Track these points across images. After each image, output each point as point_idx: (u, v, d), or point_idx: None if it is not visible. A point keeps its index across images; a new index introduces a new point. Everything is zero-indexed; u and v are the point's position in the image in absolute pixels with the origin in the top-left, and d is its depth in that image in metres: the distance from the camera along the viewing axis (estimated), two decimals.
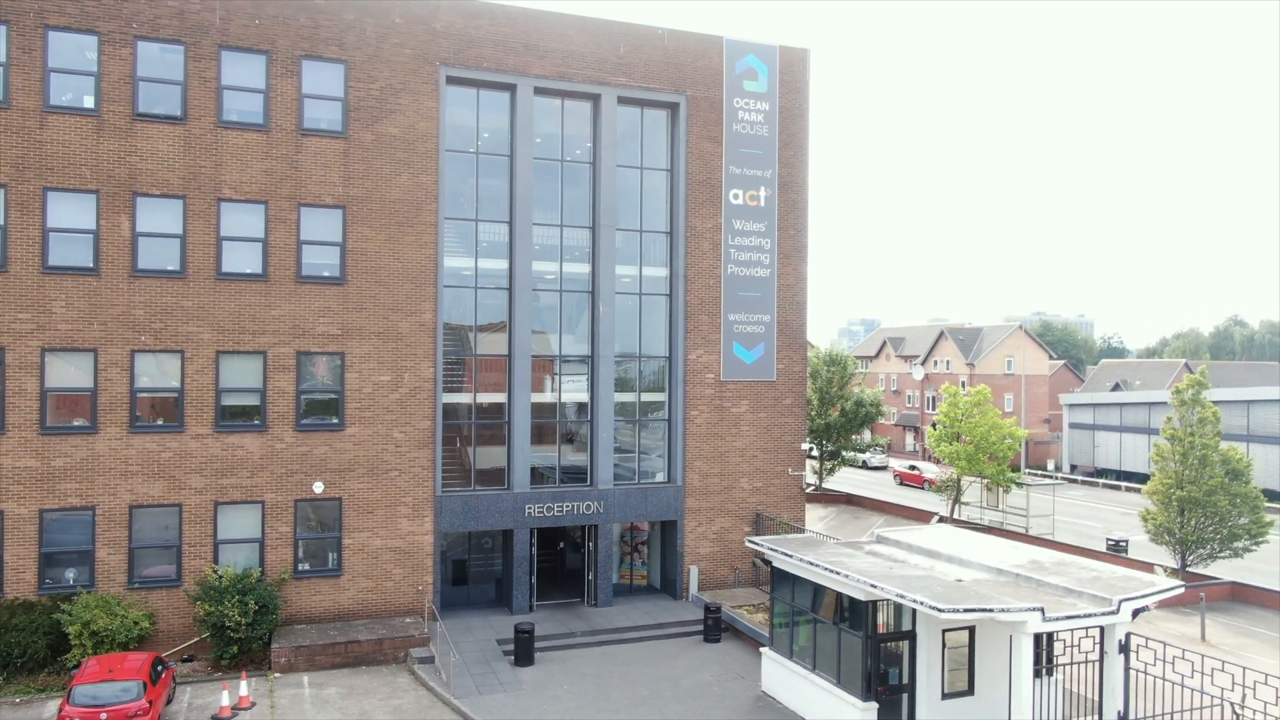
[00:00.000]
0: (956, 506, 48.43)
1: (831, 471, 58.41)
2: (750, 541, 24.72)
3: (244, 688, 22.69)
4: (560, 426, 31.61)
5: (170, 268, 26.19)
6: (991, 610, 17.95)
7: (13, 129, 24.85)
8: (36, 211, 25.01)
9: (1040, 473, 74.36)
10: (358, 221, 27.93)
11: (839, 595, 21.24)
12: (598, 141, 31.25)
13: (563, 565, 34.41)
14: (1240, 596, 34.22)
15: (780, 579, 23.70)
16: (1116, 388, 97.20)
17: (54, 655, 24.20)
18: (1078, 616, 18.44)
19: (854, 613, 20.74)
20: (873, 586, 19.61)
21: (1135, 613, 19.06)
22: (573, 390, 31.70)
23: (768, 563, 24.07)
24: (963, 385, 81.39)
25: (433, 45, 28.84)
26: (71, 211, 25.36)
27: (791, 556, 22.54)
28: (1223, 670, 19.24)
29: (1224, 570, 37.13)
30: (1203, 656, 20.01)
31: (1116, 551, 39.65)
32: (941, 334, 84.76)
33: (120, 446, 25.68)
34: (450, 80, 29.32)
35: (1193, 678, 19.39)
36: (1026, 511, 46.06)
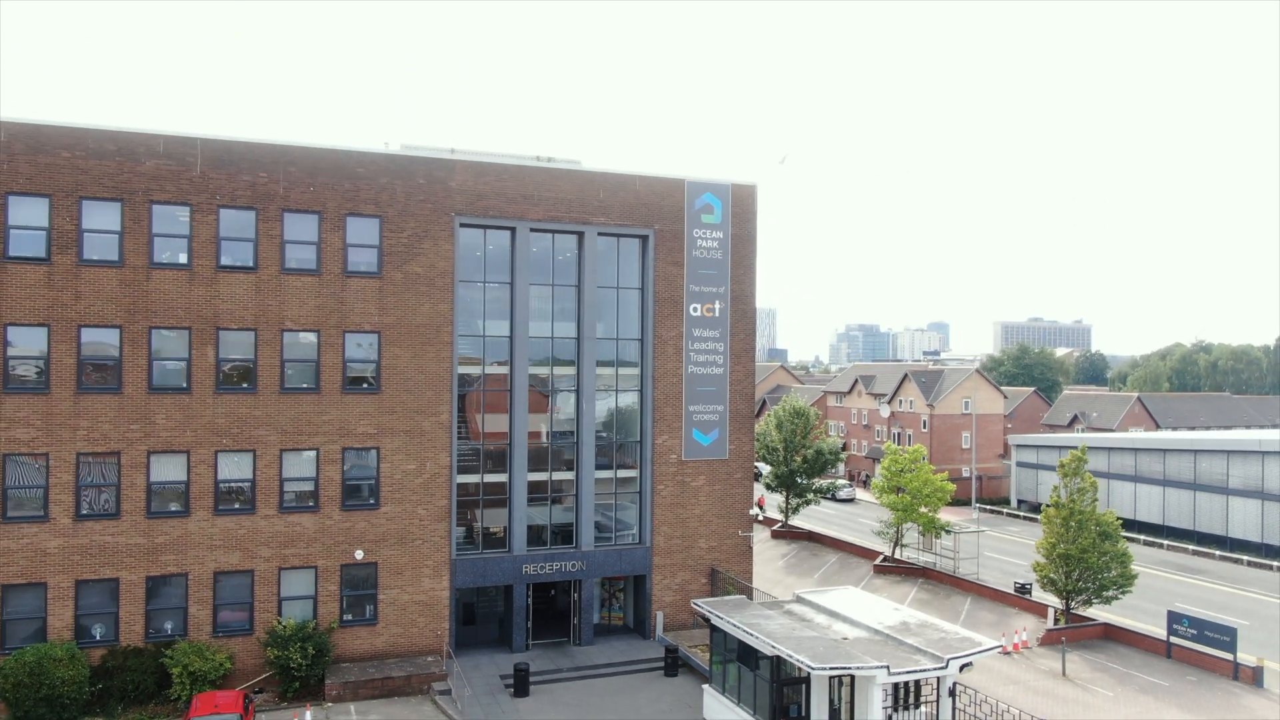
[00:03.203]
0: (898, 549, 55.74)
1: (796, 510, 65.77)
2: (694, 603, 32.07)
3: (309, 716, 29.96)
4: (551, 497, 38.87)
5: (244, 385, 33.53)
6: (850, 667, 25.27)
7: (126, 282, 32.20)
8: (144, 345, 32.36)
9: (988, 506, 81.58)
10: (390, 343, 35.27)
11: (754, 648, 28.51)
12: (582, 268, 38.59)
13: (554, 607, 41.58)
14: (1112, 636, 41.51)
15: (716, 631, 30.96)
16: (1075, 419, 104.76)
17: (159, 690, 31.49)
18: (916, 670, 25.75)
19: (763, 662, 28.01)
20: (773, 645, 26.89)
21: (962, 667, 26.38)
22: (561, 469, 38.98)
23: (708, 620, 31.31)
24: (924, 423, 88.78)
25: (449, 199, 36.19)
26: (170, 345, 32.72)
27: (722, 618, 29.84)
28: (1008, 712, 26.54)
29: (1111, 612, 44.36)
30: (997, 702, 27.29)
31: (1021, 594, 46.99)
32: (906, 376, 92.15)
33: (207, 526, 33.01)
34: (463, 225, 36.65)
35: (992, 716, 26.67)
36: (955, 554, 53.34)
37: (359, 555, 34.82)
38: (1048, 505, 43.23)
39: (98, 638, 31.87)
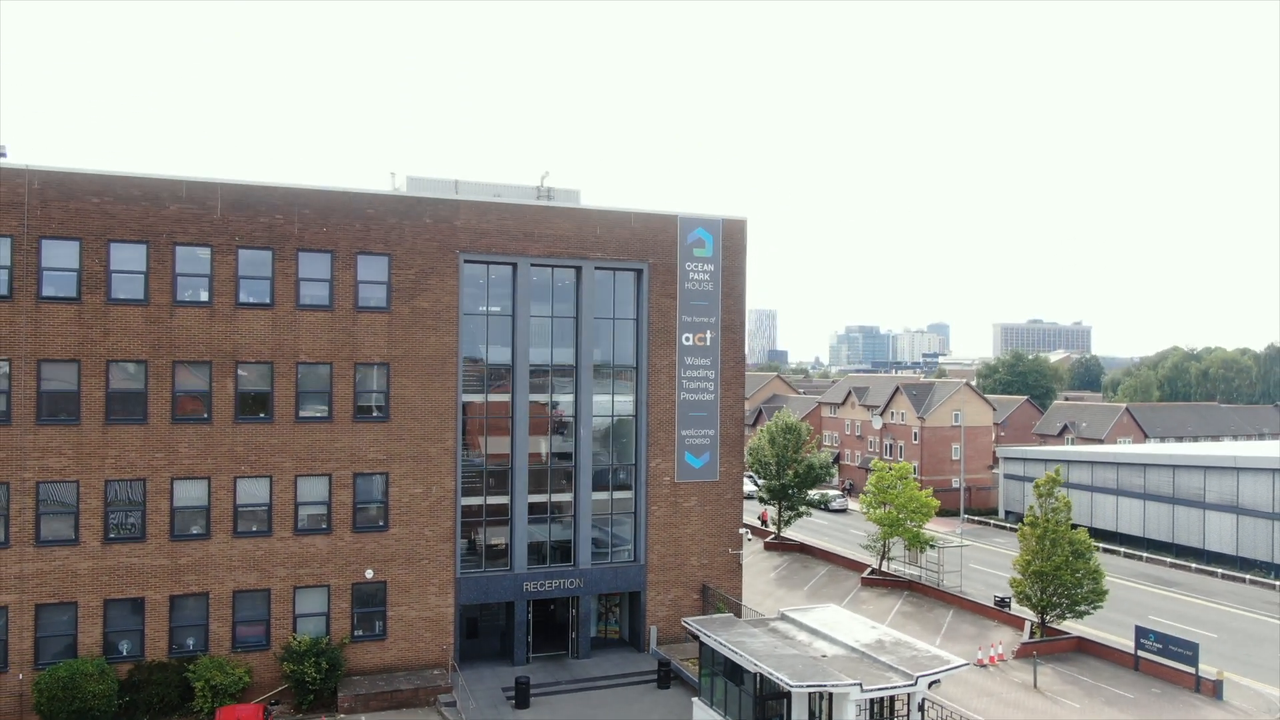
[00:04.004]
0: (885, 561, 57.81)
1: (789, 522, 67.84)
2: (685, 622, 34.13)
3: None
4: (551, 517, 40.94)
5: (262, 415, 35.62)
6: (827, 685, 27.34)
7: (151, 319, 34.28)
8: (167, 379, 34.44)
9: (977, 518, 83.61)
10: (398, 374, 37.35)
11: (739, 665, 30.57)
12: (579, 300, 40.66)
13: (553, 622, 43.58)
14: (1084, 649, 43.58)
15: (704, 647, 33.02)
16: (1065, 429, 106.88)
17: (182, 702, 33.56)
18: (887, 687, 27.81)
19: (748, 678, 30.06)
20: (755, 664, 28.96)
21: (931, 683, 28.43)
22: (560, 490, 41.05)
23: (697, 637, 33.37)
24: (914, 435, 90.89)
25: (454, 238, 38.27)
26: (191, 378, 34.80)
27: (710, 636, 31.91)
28: None
29: (1086, 625, 46.35)
30: (964, 715, 29.35)
31: (1001, 607, 49.05)
32: (898, 389, 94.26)
33: (227, 548, 35.10)
34: (467, 261, 38.71)
35: None
36: (939, 567, 55.40)
37: (369, 574, 36.88)
38: (1023, 524, 45.28)
39: (125, 653, 33.92)
